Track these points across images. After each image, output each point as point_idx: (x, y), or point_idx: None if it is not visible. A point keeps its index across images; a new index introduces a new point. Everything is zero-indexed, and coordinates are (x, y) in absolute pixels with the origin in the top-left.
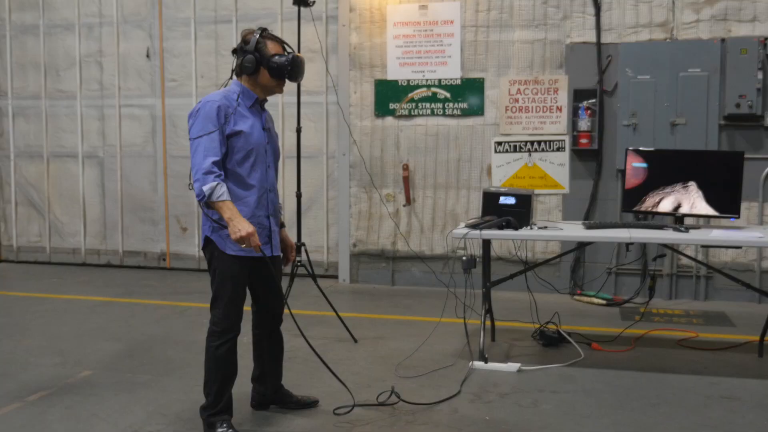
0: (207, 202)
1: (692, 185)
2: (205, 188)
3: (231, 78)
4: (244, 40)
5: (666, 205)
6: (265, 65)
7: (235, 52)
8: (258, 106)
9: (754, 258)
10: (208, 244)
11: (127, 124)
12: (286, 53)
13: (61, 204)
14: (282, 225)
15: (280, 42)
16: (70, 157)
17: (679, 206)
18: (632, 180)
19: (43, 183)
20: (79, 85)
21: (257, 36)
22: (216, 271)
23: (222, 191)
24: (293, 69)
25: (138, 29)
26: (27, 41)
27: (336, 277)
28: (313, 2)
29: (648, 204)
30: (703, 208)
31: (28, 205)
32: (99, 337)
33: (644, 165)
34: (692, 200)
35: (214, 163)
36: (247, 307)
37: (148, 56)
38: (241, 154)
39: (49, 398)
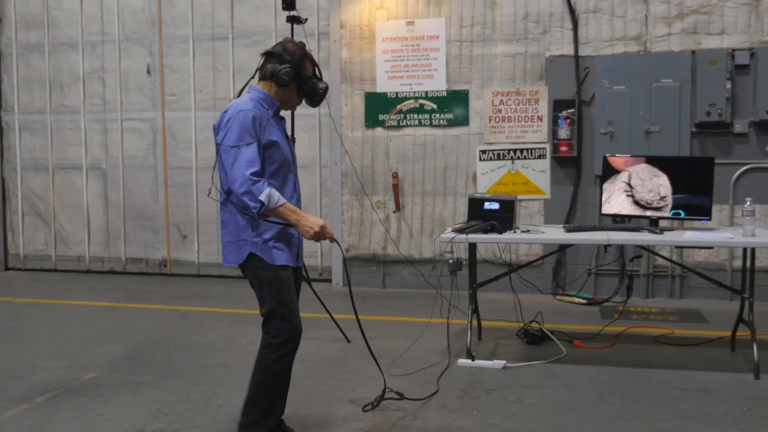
0: (264, 212)
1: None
2: (262, 197)
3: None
4: (287, 50)
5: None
6: (299, 83)
7: (268, 55)
8: (277, 115)
9: (725, 258)
10: (248, 261)
11: (128, 137)
12: (320, 79)
13: (65, 214)
14: None
15: (315, 65)
16: (74, 169)
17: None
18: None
19: (49, 194)
20: (82, 100)
21: (301, 52)
22: (265, 283)
23: (278, 195)
24: (322, 97)
25: (139, 47)
26: (32, 59)
27: (329, 281)
28: (306, 20)
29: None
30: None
31: (34, 215)
32: (103, 340)
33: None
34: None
35: (255, 174)
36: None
37: (148, 72)
38: (276, 166)
39: (56, 399)
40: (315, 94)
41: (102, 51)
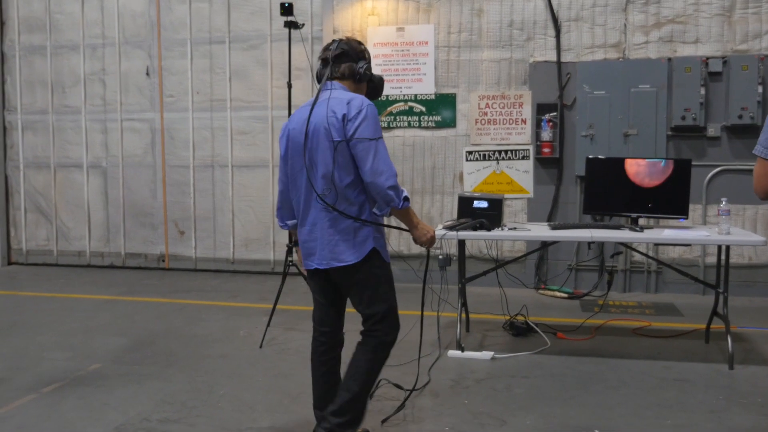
0: (397, 209)
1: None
2: (406, 193)
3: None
4: (358, 49)
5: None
6: (371, 80)
7: (339, 56)
8: None
9: (698, 254)
10: (367, 259)
11: (128, 137)
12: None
13: (67, 210)
14: None
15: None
16: (75, 167)
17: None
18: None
19: (50, 191)
20: (83, 100)
21: (366, 49)
22: (383, 281)
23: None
24: (381, 93)
25: (138, 49)
26: (35, 61)
27: None
28: (303, 25)
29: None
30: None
31: (36, 211)
32: (106, 332)
33: None
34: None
35: None
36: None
37: (147, 74)
38: None
39: (62, 389)
40: (381, 87)
41: (102, 53)
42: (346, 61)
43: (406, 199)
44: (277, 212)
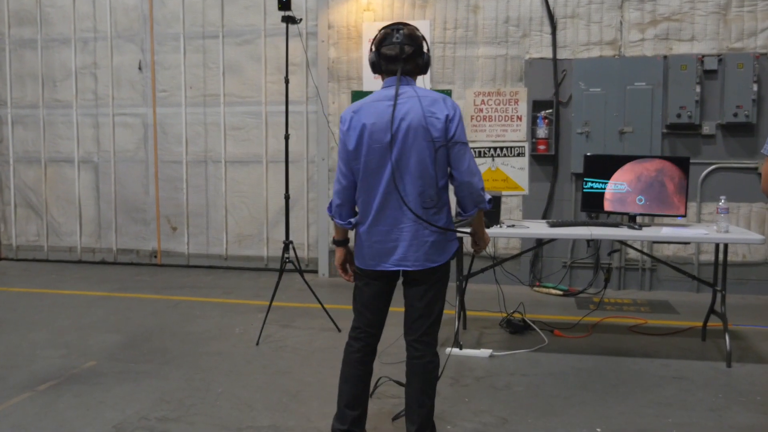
0: (485, 210)
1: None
2: (489, 195)
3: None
4: (421, 42)
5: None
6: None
7: (414, 53)
8: None
9: (692, 252)
10: (445, 263)
11: (120, 132)
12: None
13: (57, 205)
14: None
15: None
16: (66, 162)
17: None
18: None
19: (41, 186)
20: (74, 95)
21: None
22: (446, 283)
23: None
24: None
25: (130, 43)
26: (25, 54)
27: (315, 271)
28: (300, 20)
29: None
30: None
31: (27, 206)
32: (100, 329)
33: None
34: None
35: None
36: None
37: (140, 68)
38: None
39: (58, 387)
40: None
41: (94, 47)
42: (416, 55)
43: (489, 201)
44: (335, 209)
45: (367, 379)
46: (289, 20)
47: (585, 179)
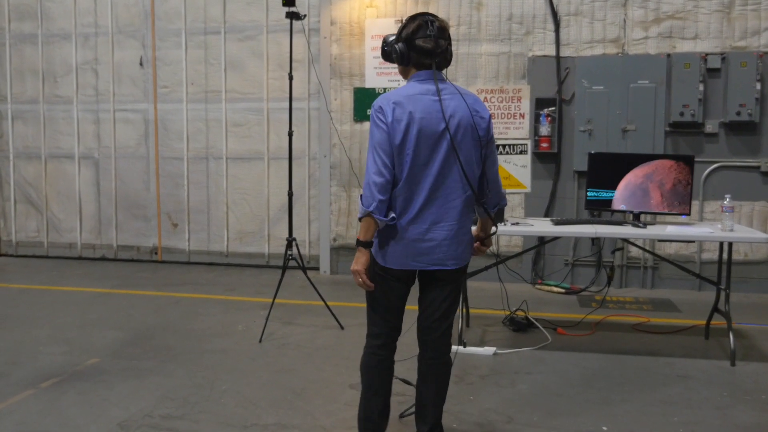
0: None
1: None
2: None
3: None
4: (446, 31)
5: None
6: None
7: (443, 48)
8: None
9: (695, 251)
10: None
11: (121, 128)
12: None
13: (58, 202)
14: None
15: None
16: (66, 158)
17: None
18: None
19: (41, 182)
20: (75, 90)
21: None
22: (459, 291)
23: None
24: None
25: (132, 39)
26: (25, 49)
27: (317, 269)
28: (305, 16)
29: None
30: (657, 206)
31: (27, 202)
32: (102, 326)
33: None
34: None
35: None
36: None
37: (141, 64)
38: None
39: (61, 385)
40: None
41: (95, 43)
42: (447, 51)
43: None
44: (378, 205)
45: (391, 384)
46: (293, 16)
47: (588, 189)
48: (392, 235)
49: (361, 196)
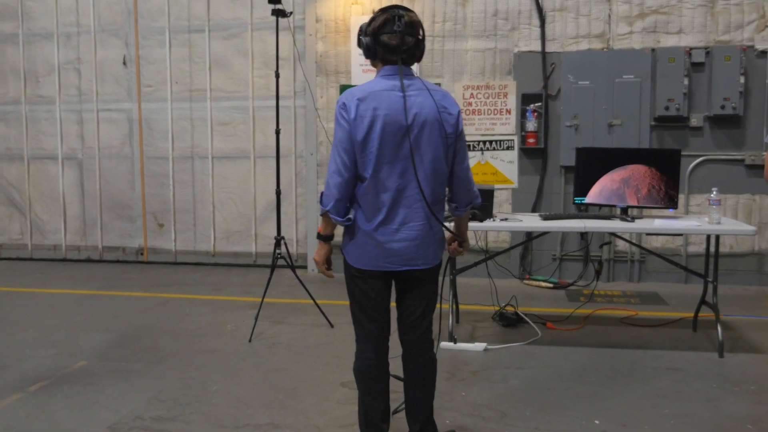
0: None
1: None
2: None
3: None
4: (415, 26)
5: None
6: None
7: (409, 45)
8: None
9: (681, 244)
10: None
11: (104, 128)
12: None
13: (41, 203)
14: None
15: None
16: (49, 159)
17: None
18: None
19: (24, 184)
20: (58, 90)
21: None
22: (436, 289)
23: None
24: None
25: (114, 38)
26: (6, 49)
27: (305, 267)
28: (291, 13)
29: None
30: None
31: (10, 204)
32: (89, 328)
33: None
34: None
35: None
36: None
37: (124, 63)
38: None
39: (49, 388)
40: None
41: (77, 42)
42: (416, 46)
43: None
44: (334, 204)
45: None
46: (279, 13)
47: (575, 198)
48: (363, 236)
49: (321, 194)
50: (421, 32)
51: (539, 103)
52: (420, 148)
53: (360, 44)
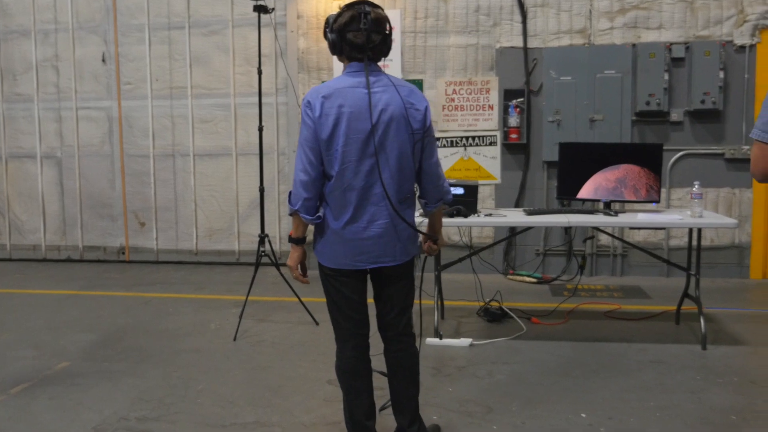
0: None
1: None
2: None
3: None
4: (381, 23)
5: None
6: None
7: (387, 34)
8: None
9: (662, 237)
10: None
11: (84, 126)
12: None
13: (20, 202)
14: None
15: None
16: (28, 158)
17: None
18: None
19: (2, 183)
20: (36, 88)
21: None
22: (413, 279)
23: None
24: None
25: (93, 35)
26: None
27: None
28: (273, 9)
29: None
30: (627, 194)
31: None
32: (71, 328)
33: None
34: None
35: None
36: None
37: (103, 61)
38: None
39: (31, 390)
40: None
41: (55, 39)
42: (382, 43)
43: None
44: (303, 203)
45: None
46: (261, 9)
47: (558, 196)
48: (332, 235)
49: (289, 193)
50: (387, 27)
51: (521, 99)
52: (385, 145)
53: (326, 38)
